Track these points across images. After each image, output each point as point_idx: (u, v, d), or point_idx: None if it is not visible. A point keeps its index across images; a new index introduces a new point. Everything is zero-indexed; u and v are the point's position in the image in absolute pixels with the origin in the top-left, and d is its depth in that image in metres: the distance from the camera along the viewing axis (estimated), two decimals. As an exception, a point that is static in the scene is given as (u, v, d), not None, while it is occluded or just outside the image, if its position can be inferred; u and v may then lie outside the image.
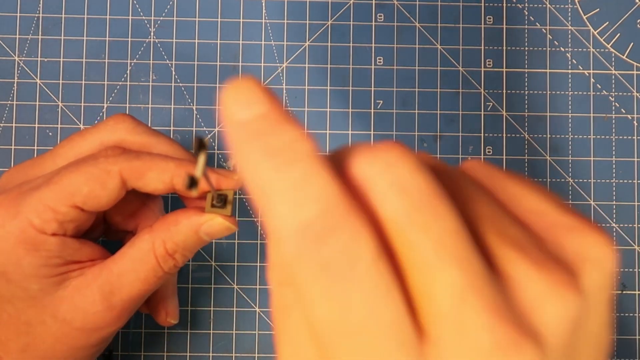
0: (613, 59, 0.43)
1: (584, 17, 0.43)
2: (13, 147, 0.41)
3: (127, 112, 0.42)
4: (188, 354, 0.41)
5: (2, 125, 0.42)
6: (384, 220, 0.17)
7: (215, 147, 0.42)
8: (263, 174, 0.17)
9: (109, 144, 0.33)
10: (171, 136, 0.42)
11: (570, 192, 0.42)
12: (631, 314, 0.41)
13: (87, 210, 0.31)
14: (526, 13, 0.43)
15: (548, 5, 0.43)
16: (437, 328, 0.16)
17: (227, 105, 0.18)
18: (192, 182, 0.25)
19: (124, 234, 0.36)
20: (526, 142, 0.42)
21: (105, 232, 0.36)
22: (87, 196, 0.31)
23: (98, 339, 0.32)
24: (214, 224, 0.32)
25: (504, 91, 0.42)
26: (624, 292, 0.42)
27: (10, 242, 0.30)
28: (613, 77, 0.43)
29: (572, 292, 0.17)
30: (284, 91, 0.42)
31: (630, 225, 0.42)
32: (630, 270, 0.42)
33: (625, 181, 0.42)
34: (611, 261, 0.18)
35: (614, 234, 0.42)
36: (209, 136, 0.42)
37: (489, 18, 0.43)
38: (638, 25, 0.43)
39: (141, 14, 0.42)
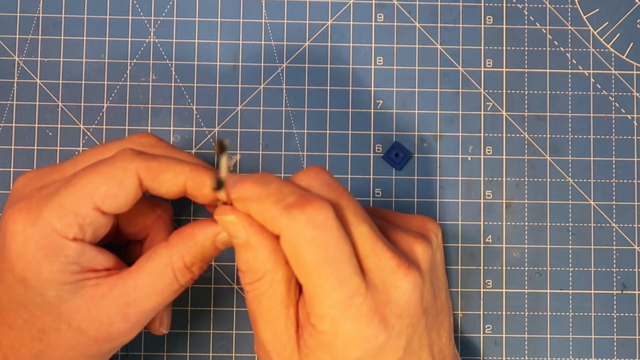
0: (613, 59, 0.43)
1: (584, 17, 0.43)
2: (13, 147, 0.41)
3: (127, 112, 0.42)
4: (188, 354, 0.41)
5: (2, 125, 0.42)
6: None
7: (216, 147, 0.42)
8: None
9: None
10: (171, 136, 0.42)
11: (570, 192, 0.42)
12: (631, 314, 0.41)
13: (106, 212, 0.31)
14: (526, 13, 0.43)
15: (548, 5, 0.43)
16: (367, 263, 0.31)
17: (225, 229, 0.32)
18: (219, 184, 0.29)
19: (128, 240, 0.36)
20: (526, 142, 0.42)
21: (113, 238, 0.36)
22: (105, 196, 0.31)
23: (110, 348, 0.33)
24: (225, 223, 0.32)
25: (504, 91, 0.42)
26: (624, 292, 0.42)
27: (31, 248, 0.30)
28: (613, 77, 0.43)
29: (426, 243, 0.33)
30: (284, 91, 0.42)
31: (630, 225, 0.42)
32: (630, 270, 0.42)
33: (625, 181, 0.42)
34: (439, 230, 0.37)
35: (614, 234, 0.42)
36: (209, 136, 0.42)
37: (489, 18, 0.43)
38: (638, 25, 0.43)
39: (141, 14, 0.42)
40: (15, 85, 0.42)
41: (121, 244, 0.37)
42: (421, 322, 0.32)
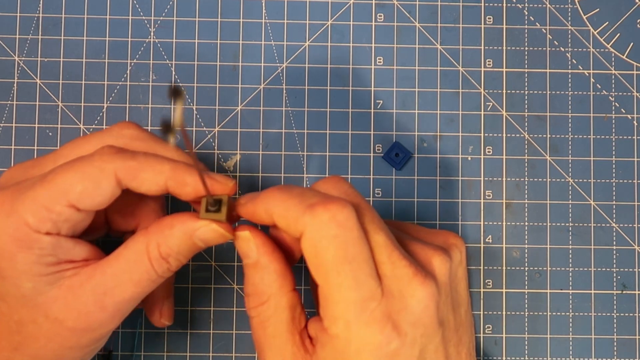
0: (613, 59, 0.43)
1: (584, 17, 0.43)
2: (13, 147, 0.41)
3: (127, 112, 0.42)
4: (188, 354, 0.41)
5: (2, 125, 0.42)
6: None
7: (216, 147, 0.42)
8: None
9: None
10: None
11: (570, 192, 0.42)
12: (631, 314, 0.41)
13: (82, 210, 0.31)
14: (526, 13, 0.43)
15: (548, 5, 0.43)
16: (383, 269, 0.31)
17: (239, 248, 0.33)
18: (167, 128, 0.25)
19: (126, 232, 0.36)
20: (526, 142, 0.42)
21: (108, 230, 0.36)
22: (80, 194, 0.30)
23: (90, 339, 0.32)
24: (208, 230, 0.32)
25: (504, 91, 0.42)
26: (624, 292, 0.42)
27: (4, 240, 0.30)
28: (613, 77, 0.43)
29: (445, 256, 0.33)
30: (284, 91, 0.42)
31: (630, 225, 0.42)
32: (630, 270, 0.42)
33: (625, 181, 0.42)
34: (463, 246, 0.36)
35: (614, 234, 0.42)
36: (209, 136, 0.42)
37: (489, 18, 0.43)
38: (638, 25, 0.43)
39: (141, 14, 0.42)
40: (15, 85, 0.42)
41: (119, 237, 0.37)
42: (437, 334, 0.32)
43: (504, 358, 0.41)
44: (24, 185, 0.31)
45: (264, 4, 0.43)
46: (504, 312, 0.41)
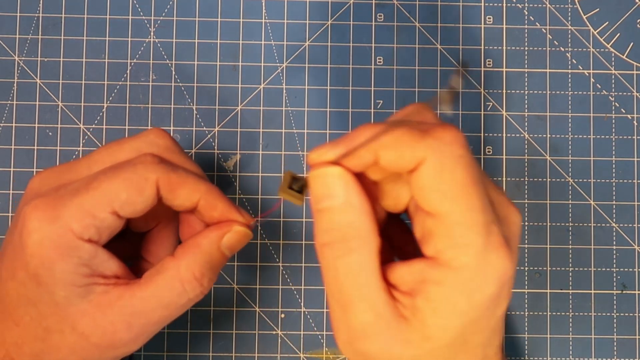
0: (613, 59, 0.43)
1: (584, 17, 0.43)
2: (13, 147, 0.41)
3: (127, 112, 0.42)
4: (188, 354, 0.41)
5: (2, 125, 0.42)
6: None
7: (216, 147, 0.42)
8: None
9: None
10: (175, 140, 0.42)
11: (570, 192, 0.42)
12: (631, 314, 0.41)
13: (122, 216, 0.31)
14: (526, 13, 0.43)
15: (548, 5, 0.43)
16: (490, 195, 0.29)
17: (313, 194, 0.29)
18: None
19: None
20: (526, 142, 0.42)
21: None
22: (125, 202, 0.31)
23: (112, 357, 0.33)
24: (232, 235, 0.33)
25: (504, 91, 0.42)
26: (624, 292, 0.42)
27: (46, 246, 0.30)
28: (613, 77, 0.43)
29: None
30: (284, 91, 0.42)
31: (630, 225, 0.42)
32: (630, 270, 0.42)
33: (625, 181, 0.42)
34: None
35: (614, 234, 0.42)
36: (209, 136, 0.42)
37: (489, 18, 0.43)
38: (638, 25, 0.43)
39: (141, 14, 0.42)
40: (15, 85, 0.42)
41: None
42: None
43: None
44: (65, 191, 0.31)
45: (264, 4, 0.43)
46: (504, 312, 0.41)
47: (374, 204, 0.30)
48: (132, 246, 0.36)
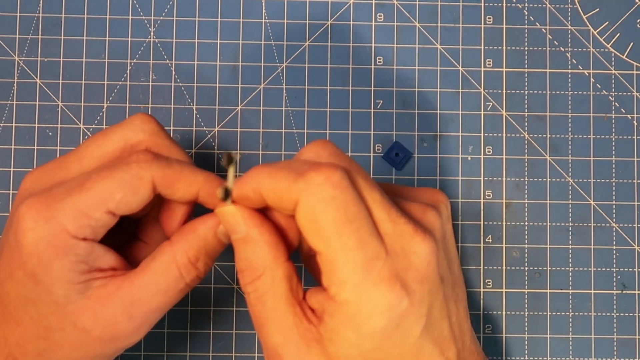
0: (613, 59, 0.43)
1: (584, 17, 0.43)
2: (13, 147, 0.41)
3: (127, 112, 0.42)
4: (188, 354, 0.41)
5: (2, 125, 0.42)
6: None
7: (216, 147, 0.42)
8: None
9: (133, 144, 0.33)
10: (171, 136, 0.42)
11: (570, 192, 0.42)
12: (631, 314, 0.41)
13: (117, 215, 0.31)
14: (526, 13, 0.43)
15: (548, 5, 0.43)
16: (383, 228, 0.30)
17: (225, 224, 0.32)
18: (227, 194, 0.31)
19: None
20: (526, 142, 0.42)
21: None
22: (120, 202, 0.31)
23: (115, 349, 0.33)
24: (225, 215, 0.32)
25: (504, 91, 0.42)
26: (624, 292, 0.42)
27: (42, 245, 0.30)
28: (613, 77, 0.43)
29: (436, 212, 0.33)
30: (284, 91, 0.42)
31: (630, 225, 0.42)
32: (630, 270, 0.42)
33: (625, 181, 0.42)
34: (448, 202, 0.35)
35: (614, 234, 0.42)
36: (209, 136, 0.42)
37: (489, 18, 0.43)
38: (638, 25, 0.43)
39: (141, 14, 0.42)
40: (15, 85, 0.42)
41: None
42: (440, 290, 0.31)
43: (504, 358, 0.41)
44: (59, 190, 0.31)
45: (264, 4, 0.43)
46: (504, 312, 0.41)
47: (288, 233, 0.32)
48: (127, 230, 0.36)
